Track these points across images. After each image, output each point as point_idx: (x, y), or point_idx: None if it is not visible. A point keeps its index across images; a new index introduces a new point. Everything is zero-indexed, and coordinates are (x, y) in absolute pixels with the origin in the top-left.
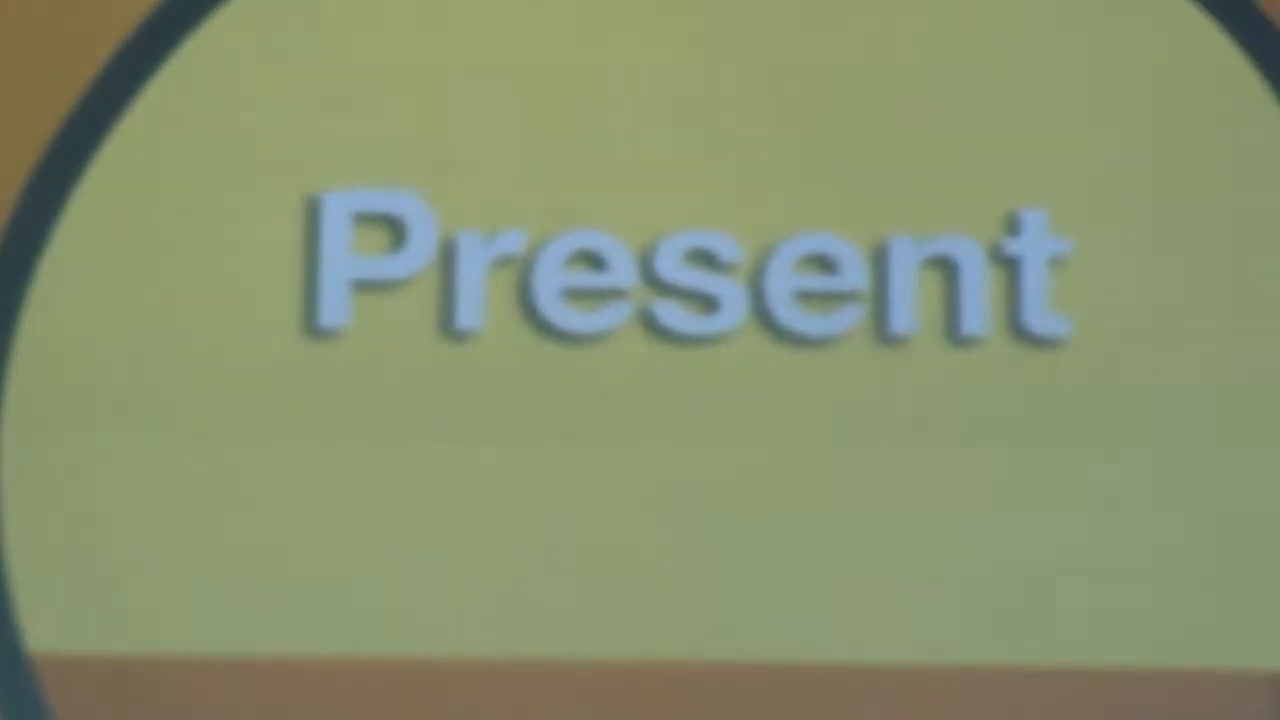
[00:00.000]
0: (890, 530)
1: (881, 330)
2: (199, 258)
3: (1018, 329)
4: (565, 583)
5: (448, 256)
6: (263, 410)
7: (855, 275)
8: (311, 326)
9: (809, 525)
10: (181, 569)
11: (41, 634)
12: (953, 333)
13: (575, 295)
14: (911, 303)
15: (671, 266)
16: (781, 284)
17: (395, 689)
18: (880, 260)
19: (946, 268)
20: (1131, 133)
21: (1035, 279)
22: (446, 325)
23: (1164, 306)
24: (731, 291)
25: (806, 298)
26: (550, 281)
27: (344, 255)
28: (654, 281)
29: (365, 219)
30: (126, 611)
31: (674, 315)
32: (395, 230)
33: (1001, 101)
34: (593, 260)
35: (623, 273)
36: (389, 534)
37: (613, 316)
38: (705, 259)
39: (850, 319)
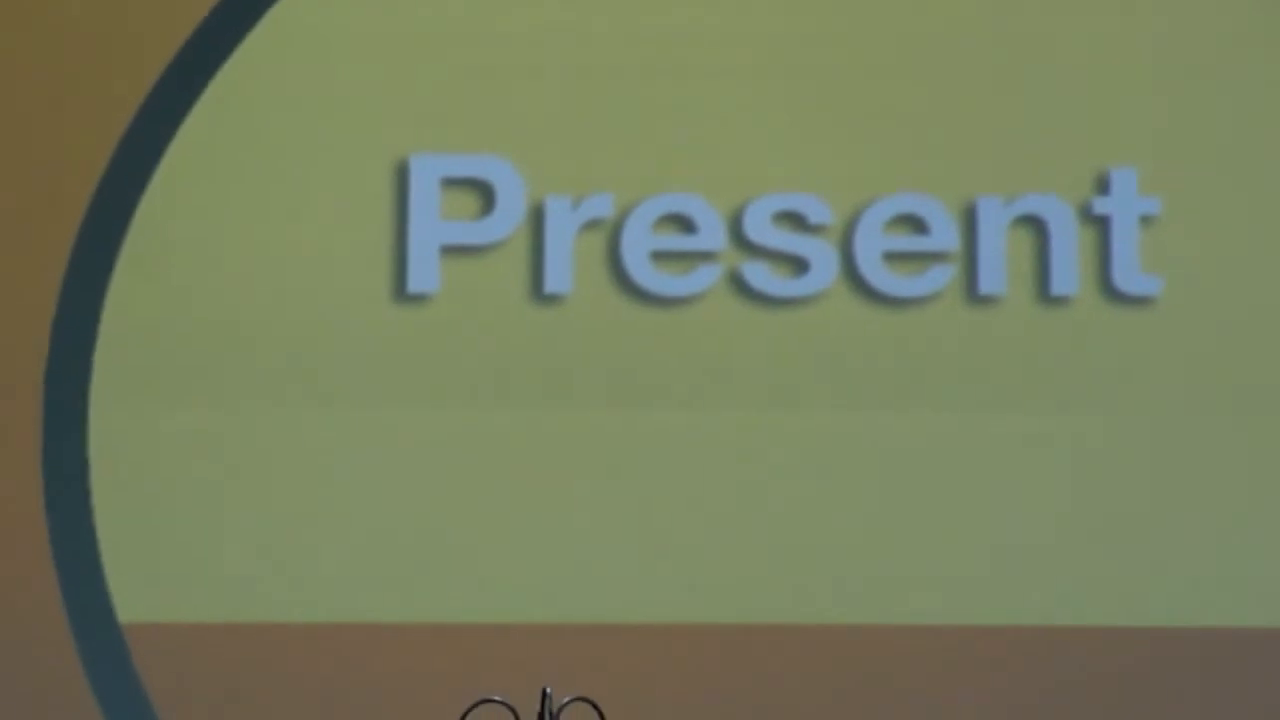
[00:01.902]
0: (983, 491)
1: (971, 290)
2: (288, 224)
3: (1108, 288)
4: (658, 546)
5: (536, 221)
6: (352, 376)
7: (945, 235)
8: (401, 292)
9: (900, 487)
10: (270, 538)
11: (130, 604)
12: (1043, 292)
13: (664, 258)
14: (1001, 262)
15: (760, 228)
16: (871, 245)
17: (481, 653)
18: (970, 220)
19: (1036, 227)
20: (1220, 91)
21: (1125, 238)
22: (536, 289)
23: (1254, 264)
24: (821, 253)
25: (896, 258)
26: (639, 245)
27: (433, 221)
28: (743, 243)
29: (454, 184)
30: (215, 580)
31: (763, 277)
32: (484, 195)
33: (1091, 61)
34: (681, 223)
35: (711, 235)
36: (479, 499)
37: (702, 279)
38: (794, 220)
39: (940, 279)
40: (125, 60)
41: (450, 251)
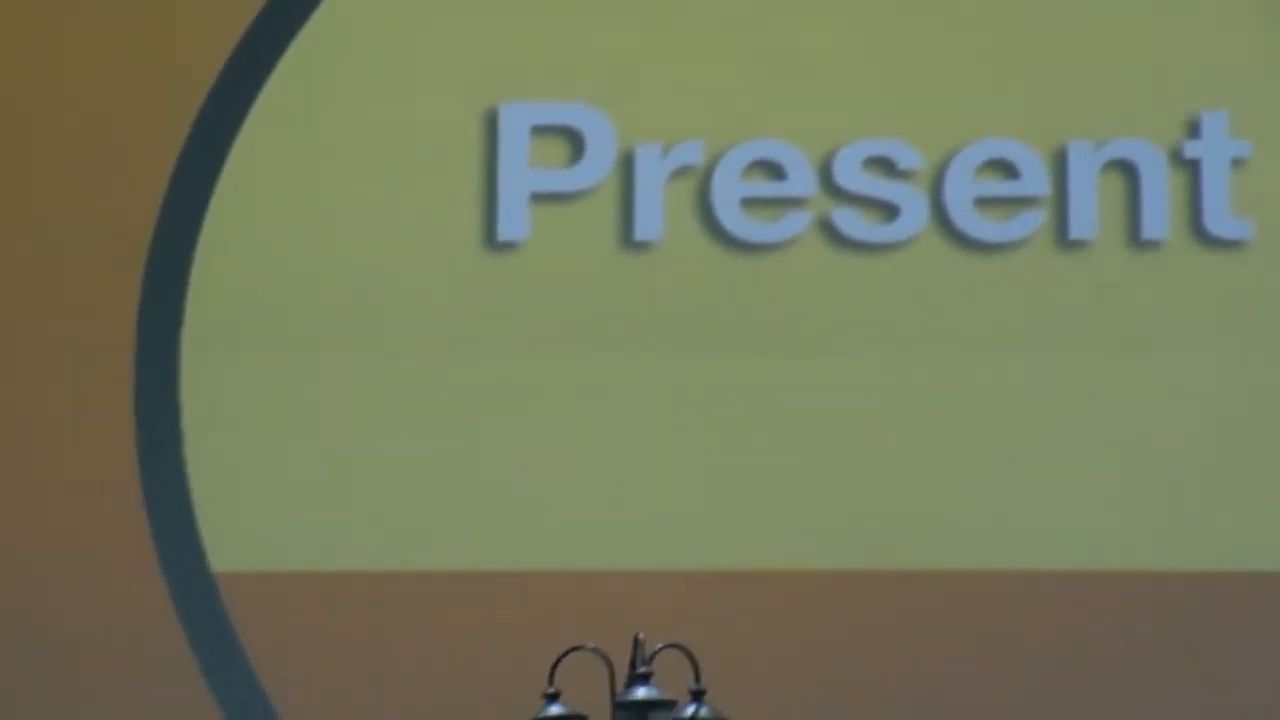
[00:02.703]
0: (1078, 435)
1: (1062, 235)
2: (378, 173)
3: (1198, 232)
4: (749, 492)
5: (626, 168)
6: (443, 324)
7: (1035, 180)
8: (491, 240)
9: (992, 431)
10: (361, 487)
11: (223, 553)
12: (1133, 236)
13: (754, 204)
14: (1092, 207)
15: (850, 174)
16: (961, 190)
17: (573, 601)
18: (1060, 165)
19: (1127, 171)
20: None
21: (1216, 182)
22: (625, 237)
23: None
24: (911, 198)
25: (986, 203)
26: (729, 191)
27: (522, 169)
28: (833, 189)
29: (543, 132)
30: (307, 529)
31: (853, 223)
32: (573, 143)
33: (1181, 5)
34: (771, 169)
35: (801, 181)
36: (568, 446)
37: (792, 225)
38: (884, 166)
39: (1031, 224)
40: (214, 13)
41: (540, 199)
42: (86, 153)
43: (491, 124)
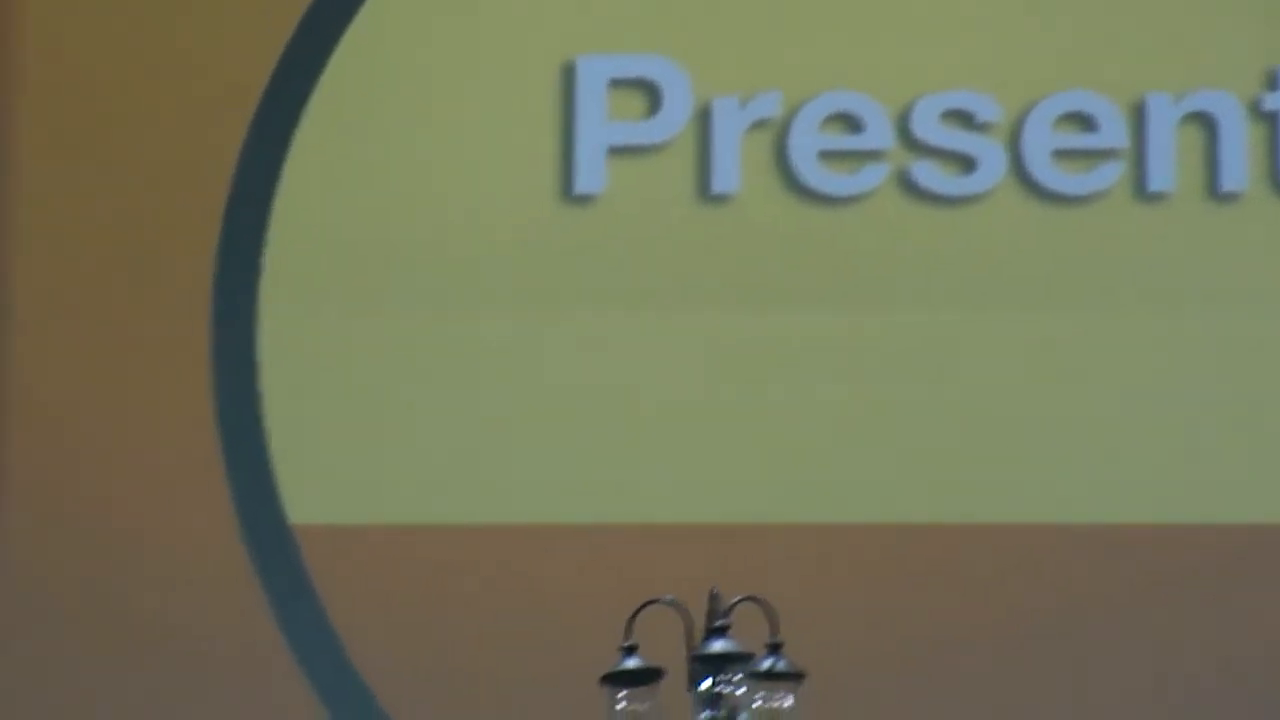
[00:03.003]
0: (1155, 389)
1: (1140, 187)
2: (454, 128)
3: (1277, 185)
4: (827, 445)
5: (703, 121)
6: (519, 278)
7: (1114, 132)
8: (568, 193)
9: (1072, 386)
10: (437, 440)
11: (300, 506)
12: (1212, 189)
13: (832, 157)
14: (1170, 159)
15: (928, 127)
16: (1040, 142)
17: (649, 554)
18: (1139, 117)
19: (1205, 124)
20: None
21: None
22: (703, 189)
23: None
24: (989, 151)
25: (1065, 156)
26: (806, 144)
27: (600, 122)
28: (911, 142)
29: (621, 85)
30: (384, 482)
31: (931, 175)
32: (650, 95)
33: None
34: (849, 122)
35: (879, 134)
36: (644, 400)
37: (870, 178)
38: (962, 119)
39: (1109, 176)
40: None
41: (617, 152)
42: (162, 108)
43: (569, 77)
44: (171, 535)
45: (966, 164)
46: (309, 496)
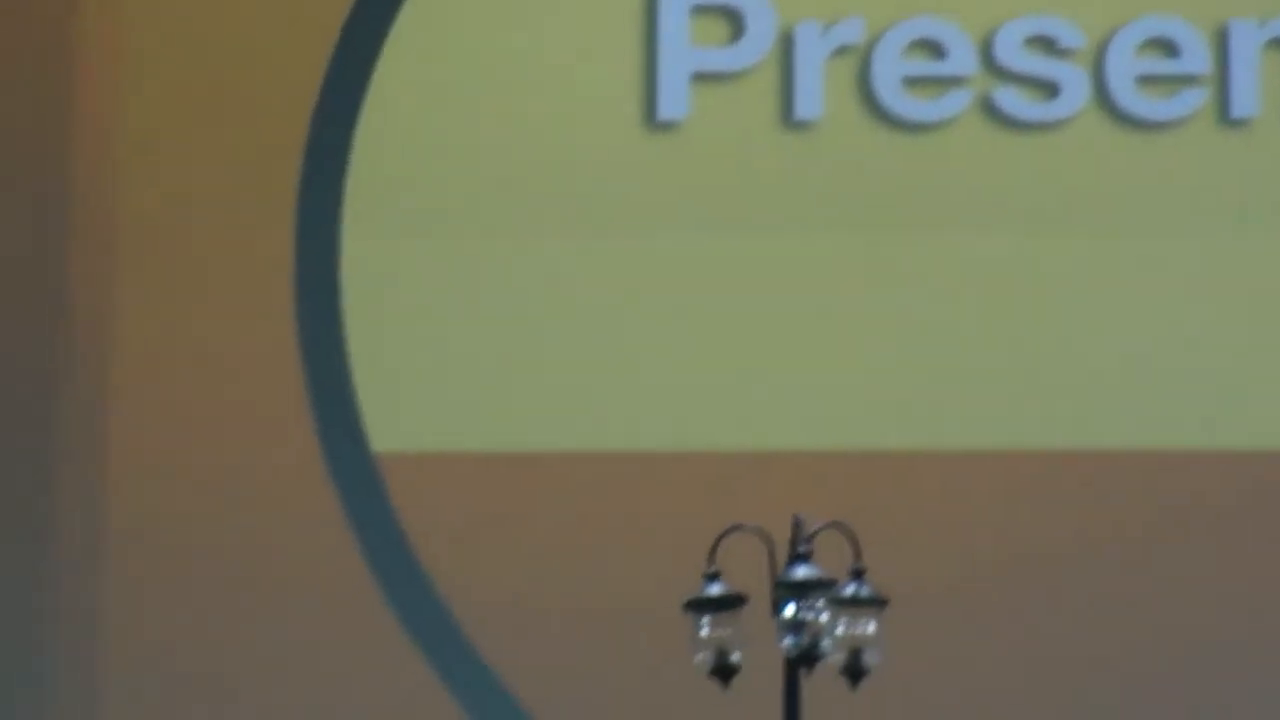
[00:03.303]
0: (1241, 313)
1: (1223, 113)
2: (539, 53)
3: None
4: (910, 371)
5: (786, 46)
6: (603, 205)
7: (1197, 58)
8: (651, 119)
9: (1158, 310)
10: (521, 366)
11: (383, 433)
12: None
13: (915, 83)
14: (1254, 85)
15: (1011, 52)
16: (1123, 68)
17: (733, 481)
18: (1222, 43)
19: None
20: None
21: None
22: (786, 116)
23: None
24: (1072, 76)
25: (1148, 81)
26: (889, 70)
27: (683, 48)
28: (994, 68)
29: (704, 11)
30: (467, 409)
31: (1014, 101)
32: (733, 21)
33: None
34: (932, 48)
35: (962, 59)
36: (728, 326)
37: (952, 104)
38: (1046, 44)
39: (1192, 102)
40: None
41: (700, 78)
42: (248, 34)
43: (652, 3)
44: (255, 462)
45: (1049, 90)
46: (392, 425)
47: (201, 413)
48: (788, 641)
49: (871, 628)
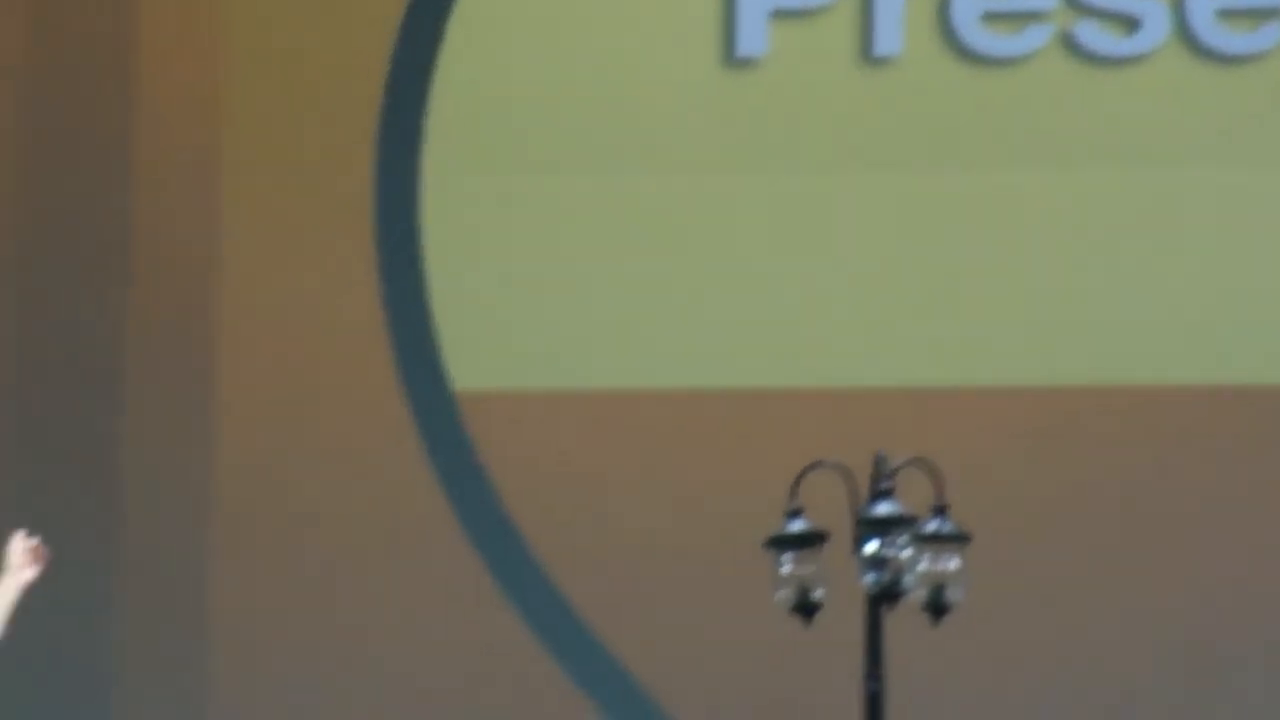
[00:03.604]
0: None
1: None
2: None
3: None
4: (991, 307)
5: None
6: (681, 141)
7: None
8: (730, 56)
9: (1236, 243)
10: (601, 305)
11: (464, 372)
12: None
13: (995, 18)
14: None
15: None
16: (1203, 1)
17: (814, 418)
18: None
19: None
20: None
21: None
22: (865, 52)
23: None
24: (1153, 10)
25: (1229, 15)
26: (969, 6)
27: None
28: (1074, 2)
29: None
30: (547, 348)
31: (1095, 36)
32: None
33: None
34: None
35: None
36: (809, 264)
37: (1033, 39)
38: None
39: (1273, 36)
40: None
41: (779, 15)
42: None
43: None
44: (336, 401)
45: (1130, 24)
46: (473, 362)
47: (282, 360)
48: (869, 578)
49: (954, 563)
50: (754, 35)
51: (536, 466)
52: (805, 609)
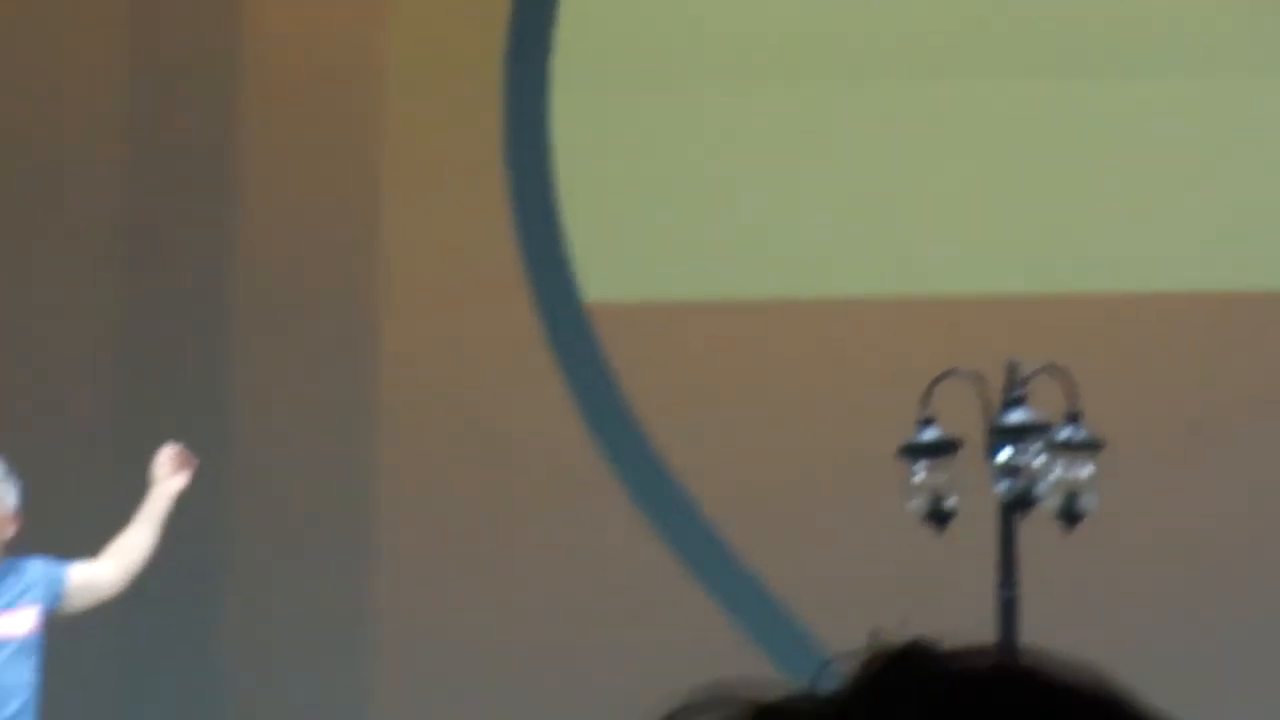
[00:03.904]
0: None
1: None
2: None
3: None
4: (1108, 217)
5: None
6: (805, 54)
7: None
8: None
9: None
10: (730, 216)
11: (594, 283)
12: None
13: None
14: None
15: None
16: None
17: (949, 326)
18: None
19: None
20: None
21: None
22: None
23: None
24: None
25: None
26: None
27: None
28: None
29: None
30: (676, 259)
31: None
32: None
33: None
34: None
35: None
36: (930, 174)
37: None
38: None
39: None
40: None
41: None
42: None
43: None
44: (467, 313)
45: None
46: (603, 274)
47: (415, 270)
48: (1003, 485)
49: (1087, 471)
50: None
51: (666, 376)
52: (938, 517)
